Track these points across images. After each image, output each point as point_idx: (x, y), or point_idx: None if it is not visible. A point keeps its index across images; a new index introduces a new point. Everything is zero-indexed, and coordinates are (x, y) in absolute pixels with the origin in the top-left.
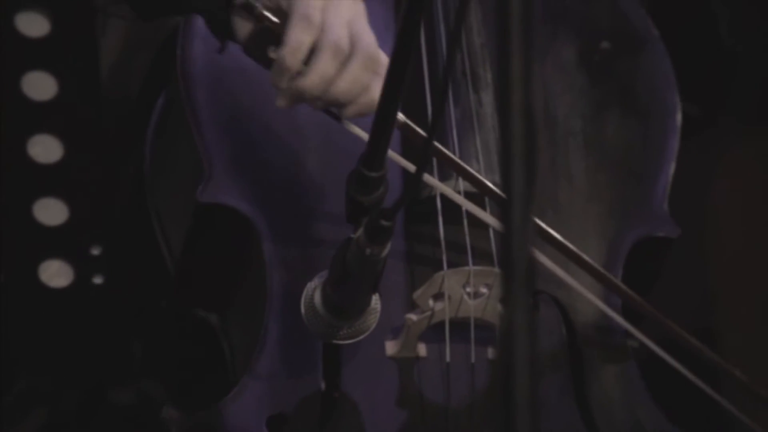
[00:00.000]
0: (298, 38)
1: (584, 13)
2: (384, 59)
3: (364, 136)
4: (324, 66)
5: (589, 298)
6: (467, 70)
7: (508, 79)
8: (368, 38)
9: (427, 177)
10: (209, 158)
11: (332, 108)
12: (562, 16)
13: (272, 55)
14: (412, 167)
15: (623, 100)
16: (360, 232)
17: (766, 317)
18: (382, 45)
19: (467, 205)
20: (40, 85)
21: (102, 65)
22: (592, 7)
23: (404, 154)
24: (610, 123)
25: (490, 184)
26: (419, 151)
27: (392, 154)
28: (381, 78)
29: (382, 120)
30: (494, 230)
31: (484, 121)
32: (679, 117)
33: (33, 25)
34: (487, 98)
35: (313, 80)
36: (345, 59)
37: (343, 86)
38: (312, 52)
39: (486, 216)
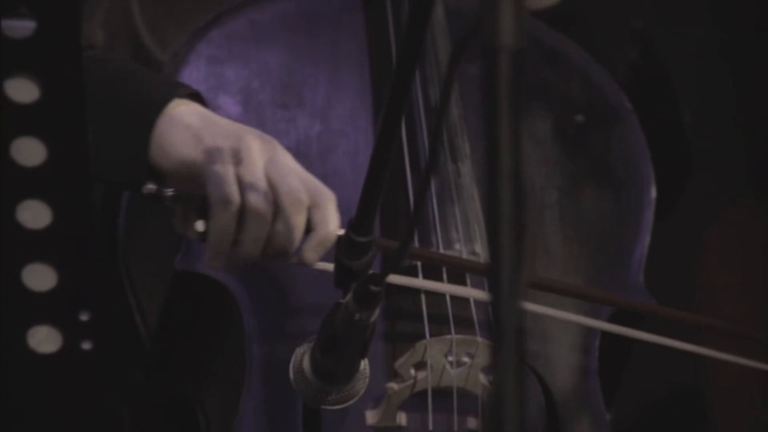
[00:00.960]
0: (221, 224)
1: (558, 86)
2: (314, 186)
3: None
4: (253, 232)
5: (572, 319)
6: (445, 141)
7: (496, 144)
8: (289, 180)
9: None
10: None
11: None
12: (536, 90)
13: (200, 228)
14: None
15: (598, 173)
16: (349, 297)
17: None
18: (356, 118)
19: (451, 290)
20: (29, 151)
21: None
22: (566, 80)
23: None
24: (585, 195)
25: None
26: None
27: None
28: (320, 205)
29: (370, 185)
30: (475, 299)
31: (463, 192)
32: (653, 189)
33: (22, 91)
34: (465, 169)
35: (248, 247)
36: (272, 214)
37: (280, 239)
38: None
39: (469, 291)
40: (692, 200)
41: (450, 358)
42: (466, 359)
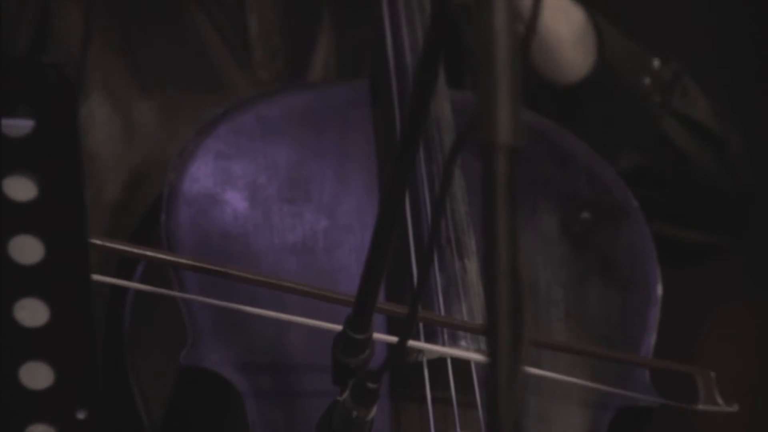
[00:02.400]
0: None
1: (564, 184)
2: None
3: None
4: None
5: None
6: (452, 238)
7: (494, 241)
8: None
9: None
10: (193, 322)
11: None
12: (542, 187)
13: None
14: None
15: (604, 271)
16: (346, 394)
17: None
18: (363, 214)
19: (454, 353)
20: (26, 249)
21: None
22: (573, 178)
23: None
24: (591, 293)
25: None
26: (403, 319)
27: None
28: None
29: (367, 282)
30: (481, 396)
31: (470, 288)
32: (659, 287)
33: (20, 189)
34: (472, 265)
35: None
36: None
37: None
38: None
39: (472, 355)
40: (692, 293)
41: None
42: None
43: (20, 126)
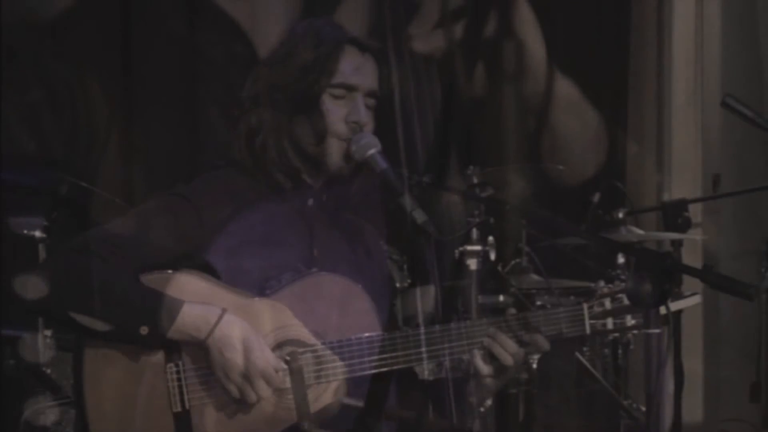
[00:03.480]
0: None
1: (575, 276)
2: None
3: None
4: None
5: None
6: (463, 327)
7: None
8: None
9: None
10: None
11: None
12: (554, 282)
13: None
14: None
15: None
16: None
17: None
18: (369, 313)
19: None
20: (35, 347)
21: None
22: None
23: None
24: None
25: None
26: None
27: None
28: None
29: (378, 380)
30: None
31: (480, 378)
32: (671, 386)
33: (29, 288)
34: (480, 353)
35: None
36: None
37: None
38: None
39: None
40: None
41: None
42: None
43: (32, 224)
